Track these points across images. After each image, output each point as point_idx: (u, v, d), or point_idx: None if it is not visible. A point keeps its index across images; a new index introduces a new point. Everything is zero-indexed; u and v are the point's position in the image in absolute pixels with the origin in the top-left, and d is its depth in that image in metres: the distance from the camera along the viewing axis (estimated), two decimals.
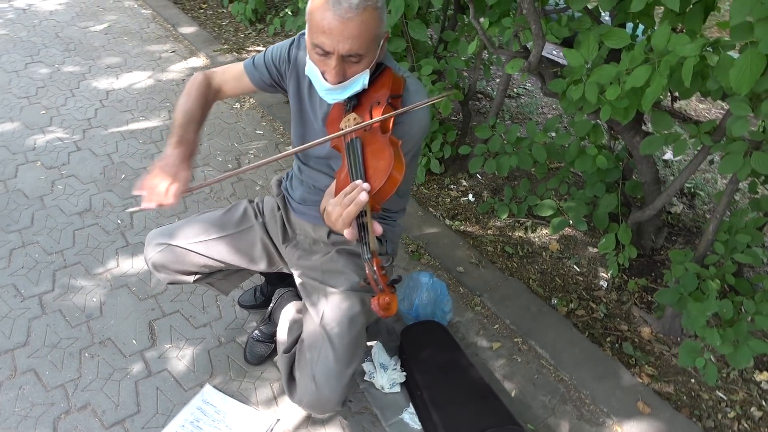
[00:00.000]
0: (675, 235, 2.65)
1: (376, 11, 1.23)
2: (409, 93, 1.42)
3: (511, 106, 3.69)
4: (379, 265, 1.22)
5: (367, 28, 1.23)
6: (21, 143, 2.98)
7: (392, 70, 1.41)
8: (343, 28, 1.20)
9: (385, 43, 1.38)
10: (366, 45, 1.26)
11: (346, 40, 1.22)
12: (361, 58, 1.28)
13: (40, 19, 4.48)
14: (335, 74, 1.28)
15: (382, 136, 1.30)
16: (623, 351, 2.11)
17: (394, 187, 1.28)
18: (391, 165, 1.25)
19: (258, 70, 1.56)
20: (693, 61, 1.56)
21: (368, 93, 1.38)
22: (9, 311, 2.06)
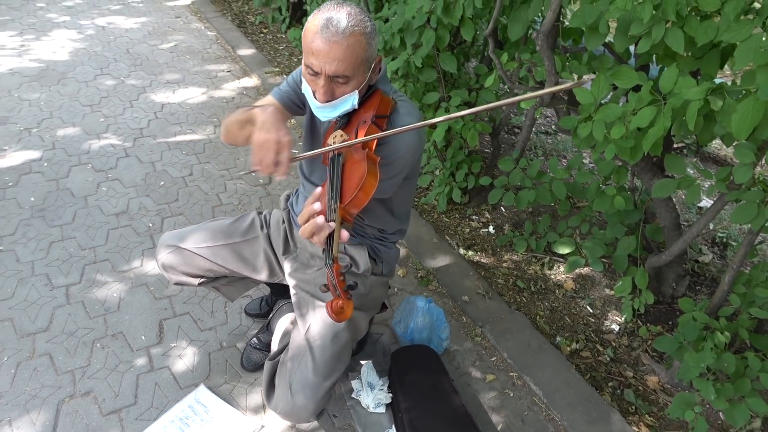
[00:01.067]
0: (699, 284, 2.54)
1: (363, 36, 1.32)
2: (399, 115, 1.48)
3: (546, 142, 3.66)
4: (338, 272, 1.28)
5: (353, 51, 1.31)
6: (78, 147, 3.24)
7: (381, 93, 1.47)
8: (329, 50, 1.29)
9: (377, 67, 1.45)
10: (353, 67, 1.33)
11: (333, 62, 1.30)
12: (348, 79, 1.36)
13: (116, 36, 4.86)
14: (323, 93, 1.36)
15: (361, 152, 1.37)
16: (624, 398, 2.03)
17: (366, 199, 1.34)
18: (363, 176, 1.32)
19: (285, 93, 1.66)
20: (697, 104, 1.55)
21: (357, 113, 1.46)
22: (38, 298, 2.23)
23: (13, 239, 2.52)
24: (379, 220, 1.71)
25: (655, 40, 1.59)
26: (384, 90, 1.49)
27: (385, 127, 1.43)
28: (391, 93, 1.51)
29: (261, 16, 5.32)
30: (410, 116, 1.48)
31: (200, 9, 5.53)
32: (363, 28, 1.31)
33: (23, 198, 2.78)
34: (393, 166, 1.47)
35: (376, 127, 1.40)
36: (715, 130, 1.66)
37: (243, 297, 2.23)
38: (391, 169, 1.46)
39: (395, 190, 1.56)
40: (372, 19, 1.36)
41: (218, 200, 2.90)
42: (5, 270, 2.35)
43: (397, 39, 2.68)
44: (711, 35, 1.52)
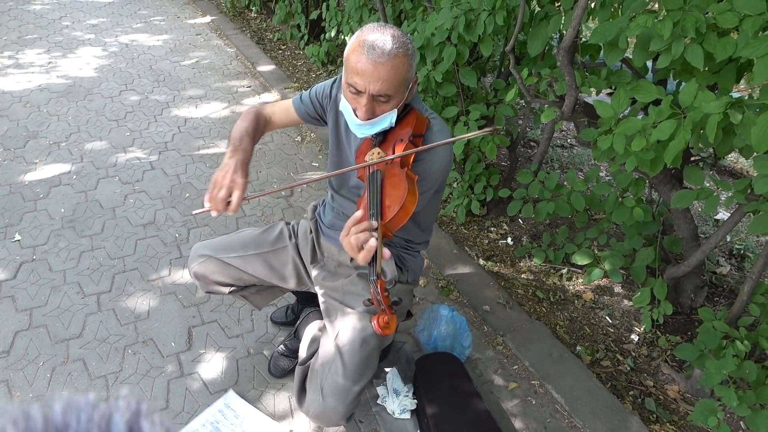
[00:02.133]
0: (718, 296, 2.57)
1: (406, 58, 1.39)
2: (432, 132, 1.54)
3: (562, 155, 3.72)
4: (383, 287, 1.32)
5: (397, 72, 1.38)
6: (105, 160, 3.33)
7: (417, 111, 1.54)
8: (375, 70, 1.35)
9: (413, 87, 1.52)
10: (395, 87, 1.40)
11: (377, 82, 1.37)
12: (389, 98, 1.42)
13: (139, 53, 5.00)
14: (365, 111, 1.42)
15: (400, 170, 1.43)
16: (645, 406, 2.06)
17: (406, 217, 1.40)
18: (404, 197, 1.38)
19: (304, 105, 1.74)
20: (717, 118, 1.60)
21: (394, 131, 1.52)
22: (71, 305, 2.30)
23: (45, 249, 2.60)
24: (407, 232, 1.77)
25: (675, 56, 1.64)
26: (418, 108, 1.56)
27: (421, 145, 1.49)
28: (424, 111, 1.58)
29: (279, 33, 5.44)
30: (441, 133, 1.54)
31: (220, 26, 5.66)
32: (406, 50, 1.38)
33: (54, 209, 2.87)
34: (426, 181, 1.53)
35: (413, 145, 1.46)
36: (735, 142, 1.71)
37: (269, 306, 2.28)
38: (424, 184, 1.51)
39: (426, 204, 1.61)
40: (412, 41, 1.43)
41: (242, 212, 2.97)
42: (39, 278, 2.43)
43: (418, 55, 2.75)
44: (729, 51, 1.58)
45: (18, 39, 5.07)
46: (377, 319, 1.34)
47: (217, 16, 5.97)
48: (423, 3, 3.00)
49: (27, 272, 2.46)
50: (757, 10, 1.50)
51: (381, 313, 1.35)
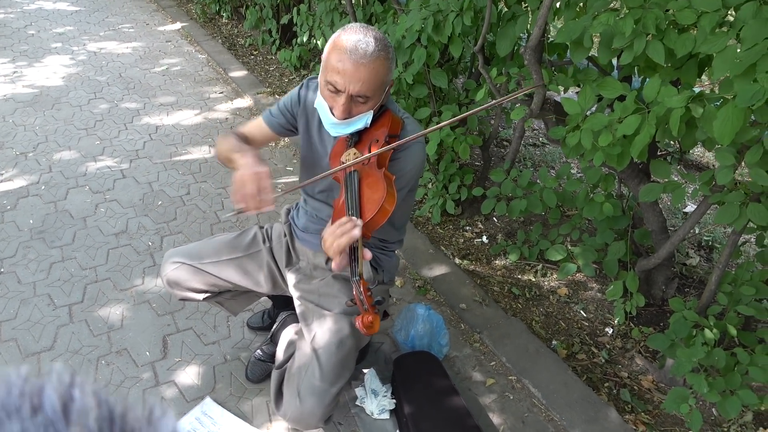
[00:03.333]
0: (688, 286, 2.62)
1: (386, 61, 1.40)
2: (406, 132, 1.56)
3: (534, 153, 3.76)
4: (365, 287, 1.33)
5: (377, 74, 1.39)
6: (75, 169, 3.27)
7: (392, 112, 1.55)
8: (356, 71, 1.36)
9: (389, 90, 1.53)
10: (373, 89, 1.41)
11: (358, 82, 1.38)
12: (367, 99, 1.43)
13: (108, 60, 4.92)
14: (342, 111, 1.43)
15: (377, 171, 1.44)
16: (620, 397, 2.09)
17: (385, 218, 1.42)
18: (383, 197, 1.39)
19: (275, 117, 1.73)
20: (679, 112, 1.64)
21: (369, 131, 1.53)
22: (41, 318, 2.25)
23: (14, 261, 2.54)
24: (382, 231, 1.77)
25: (637, 53, 1.68)
26: (392, 109, 1.57)
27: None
28: (398, 112, 1.59)
29: (251, 39, 5.41)
30: (415, 132, 1.55)
31: (190, 33, 5.61)
32: (387, 53, 1.39)
33: (22, 221, 2.81)
34: (401, 180, 1.54)
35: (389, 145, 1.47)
36: (697, 135, 1.75)
37: (245, 311, 2.26)
38: (399, 183, 1.52)
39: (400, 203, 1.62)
40: (392, 45, 1.44)
41: (216, 218, 2.94)
42: (7, 291, 2.37)
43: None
44: (689, 47, 1.62)
45: None
46: (361, 319, 1.34)
47: (188, 23, 5.91)
48: (392, 6, 3.02)
49: None
50: (713, 7, 1.54)
51: (364, 313, 1.36)
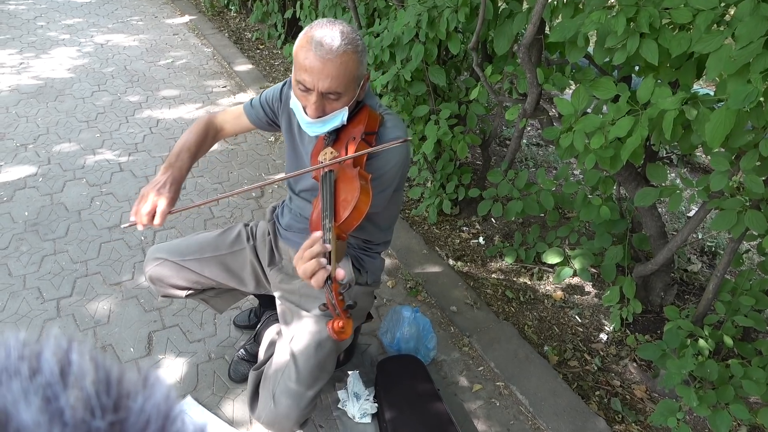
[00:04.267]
0: (688, 293, 2.55)
1: (355, 54, 1.35)
2: (386, 129, 1.51)
3: (537, 154, 3.69)
4: (337, 291, 1.29)
5: (346, 69, 1.34)
6: (73, 162, 3.27)
7: (369, 108, 1.50)
8: (323, 67, 1.32)
9: (365, 83, 1.48)
10: (344, 84, 1.37)
11: (326, 79, 1.33)
12: (339, 96, 1.39)
13: (114, 53, 4.93)
14: (315, 109, 1.39)
15: (352, 170, 1.40)
16: (611, 407, 2.04)
17: (360, 217, 1.37)
18: (357, 197, 1.35)
19: (255, 110, 1.70)
20: (673, 114, 1.58)
21: (346, 129, 1.49)
22: (29, 311, 2.25)
23: (6, 253, 2.54)
24: (365, 232, 1.73)
25: (630, 52, 1.62)
26: (371, 105, 1.52)
27: (374, 142, 1.46)
28: (377, 107, 1.54)
29: (257, 33, 5.39)
30: (397, 129, 1.50)
31: (198, 26, 5.60)
32: (355, 47, 1.34)
33: (17, 213, 2.81)
34: (383, 180, 1.49)
35: (366, 143, 1.43)
36: (692, 139, 1.69)
37: (232, 309, 2.24)
38: (380, 183, 1.48)
39: (385, 204, 1.58)
40: (362, 38, 1.40)
41: (210, 213, 2.92)
42: None
43: (387, 53, 2.72)
44: (684, 46, 1.55)
45: None
46: (332, 324, 1.30)
47: (196, 16, 5.90)
48: (392, 2, 2.97)
49: None
50: (709, 5, 1.48)
51: (336, 318, 1.32)
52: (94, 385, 0.29)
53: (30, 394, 0.27)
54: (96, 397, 0.28)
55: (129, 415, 0.29)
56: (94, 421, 0.27)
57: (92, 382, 0.29)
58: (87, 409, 0.28)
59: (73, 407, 0.27)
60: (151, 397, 0.30)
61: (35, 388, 0.27)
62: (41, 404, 0.27)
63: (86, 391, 0.28)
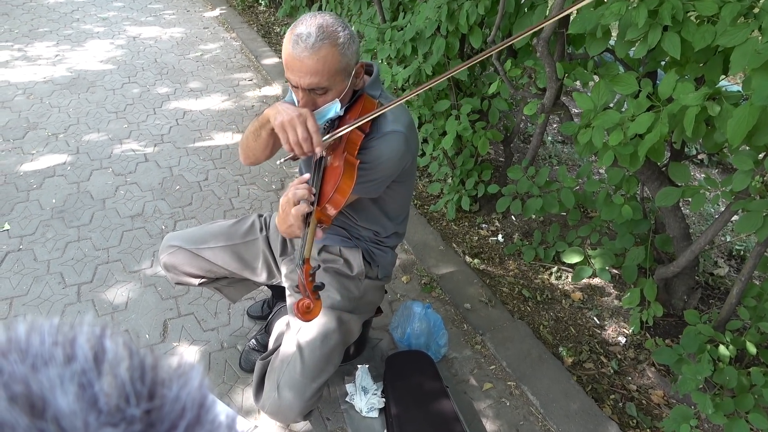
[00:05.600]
0: (713, 298, 2.47)
1: (335, 48, 1.33)
2: (385, 119, 1.49)
3: (561, 151, 3.62)
4: (308, 272, 1.30)
5: (325, 64, 1.32)
6: (100, 151, 3.35)
7: (367, 97, 1.49)
8: (301, 65, 1.31)
9: (360, 72, 1.46)
10: (328, 79, 1.35)
11: (306, 76, 1.33)
12: (326, 90, 1.38)
13: (146, 46, 5.02)
14: (304, 104, 1.39)
15: (341, 155, 1.41)
16: (626, 411, 1.98)
17: (342, 200, 1.39)
18: (339, 179, 1.36)
19: None
20: (695, 110, 1.52)
21: (344, 118, 1.48)
22: (51, 295, 2.31)
23: (33, 239, 2.62)
24: (374, 221, 1.72)
25: (651, 45, 1.57)
26: (372, 94, 1.50)
27: (369, 131, 1.45)
28: (379, 97, 1.52)
29: (286, 27, 5.42)
30: (395, 123, 1.48)
31: (228, 20, 5.67)
32: (334, 40, 1.32)
33: (45, 200, 2.89)
34: (376, 170, 1.48)
35: (359, 131, 1.42)
36: (716, 136, 1.63)
37: (246, 299, 2.26)
38: (373, 173, 1.47)
39: (381, 191, 1.57)
40: (348, 28, 1.37)
41: (230, 204, 2.95)
42: (23, 268, 2.44)
43: (409, 47, 2.70)
44: (708, 39, 1.49)
45: (29, 32, 5.13)
46: (298, 304, 1.31)
47: (226, 10, 5.97)
48: None
49: (12, 262, 2.47)
50: None
51: (304, 298, 1.33)
52: (128, 372, 0.29)
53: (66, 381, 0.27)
54: (131, 384, 0.28)
55: (164, 403, 0.28)
56: (129, 409, 0.27)
57: (127, 369, 0.29)
58: (122, 396, 0.27)
59: (107, 394, 0.27)
60: (186, 385, 0.30)
61: (71, 375, 0.27)
62: (77, 391, 0.27)
63: (121, 379, 0.28)
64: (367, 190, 1.46)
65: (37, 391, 0.26)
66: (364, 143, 1.43)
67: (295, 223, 1.33)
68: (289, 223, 1.35)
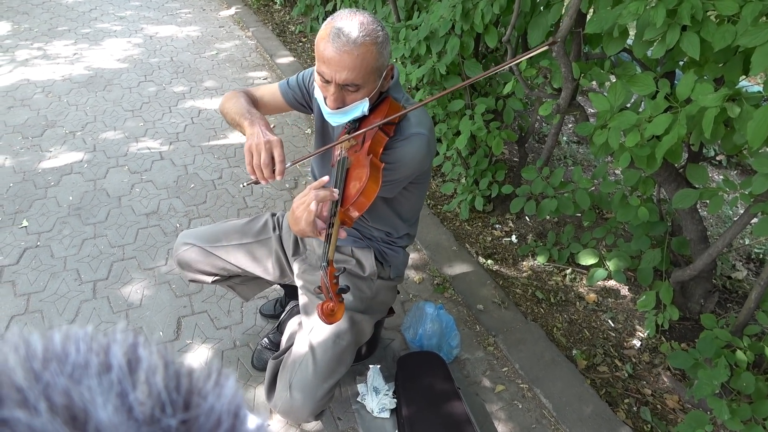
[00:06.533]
0: (731, 302, 2.43)
1: (374, 46, 1.32)
2: (407, 119, 1.49)
3: (577, 151, 3.59)
4: (332, 274, 1.30)
5: (364, 61, 1.32)
6: (117, 149, 3.38)
7: (392, 99, 1.49)
8: (340, 59, 1.30)
9: (389, 74, 1.46)
10: (363, 76, 1.35)
11: (343, 71, 1.32)
12: (358, 87, 1.37)
13: (162, 45, 5.06)
14: (333, 100, 1.38)
15: (366, 158, 1.40)
16: (640, 416, 1.96)
17: (367, 204, 1.37)
18: (366, 183, 1.35)
19: (291, 89, 1.70)
20: (714, 111, 1.49)
21: (367, 119, 1.48)
22: (67, 291, 2.34)
23: (50, 236, 2.65)
24: (386, 222, 1.72)
25: (669, 45, 1.54)
26: (395, 97, 1.50)
27: (393, 134, 1.44)
28: (402, 100, 1.52)
29: (300, 26, 5.44)
30: (419, 126, 1.48)
31: (243, 18, 5.69)
32: (374, 38, 1.31)
33: (62, 197, 2.92)
34: (397, 171, 1.47)
35: (384, 134, 1.41)
36: (735, 138, 1.60)
37: (259, 298, 2.27)
38: (394, 174, 1.46)
39: (396, 192, 1.57)
40: (384, 28, 1.37)
41: (244, 203, 2.97)
42: (40, 264, 2.48)
43: (423, 46, 2.69)
44: (728, 39, 1.47)
45: (48, 31, 5.20)
46: (322, 307, 1.31)
47: (242, 9, 6.00)
48: None
49: (29, 258, 2.51)
50: None
51: (327, 300, 1.32)
52: (163, 381, 0.28)
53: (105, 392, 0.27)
54: (166, 393, 0.28)
55: (199, 413, 0.28)
56: (165, 419, 0.27)
57: (162, 378, 0.28)
58: (157, 406, 0.27)
59: (141, 403, 0.27)
60: (221, 396, 0.29)
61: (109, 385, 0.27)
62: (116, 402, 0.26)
63: (156, 388, 0.28)
64: (384, 190, 1.45)
65: (79, 403, 0.26)
66: (387, 145, 1.43)
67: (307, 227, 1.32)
68: (302, 226, 1.34)
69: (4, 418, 0.25)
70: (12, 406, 0.25)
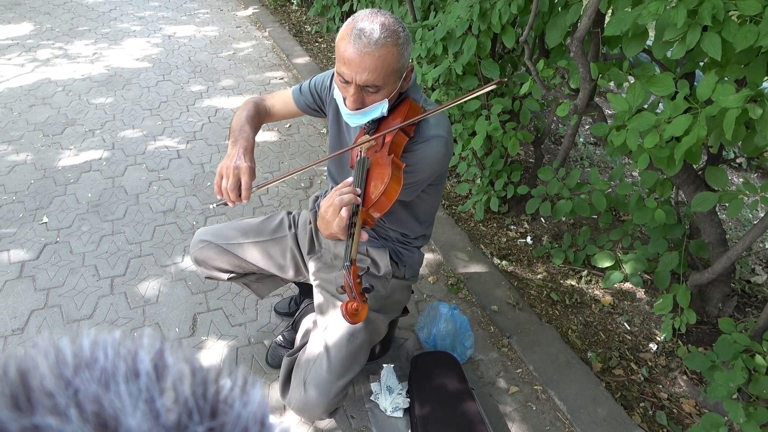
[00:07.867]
0: (750, 306, 2.39)
1: (395, 47, 1.33)
2: (426, 121, 1.49)
3: (594, 153, 3.56)
4: (356, 274, 1.29)
5: (385, 62, 1.32)
6: (135, 148, 3.42)
7: (411, 101, 1.49)
8: (361, 60, 1.31)
9: (409, 75, 1.46)
10: (383, 77, 1.35)
11: (364, 72, 1.32)
12: (378, 89, 1.38)
13: (180, 44, 5.11)
14: (353, 101, 1.39)
15: (386, 157, 1.40)
16: (655, 420, 1.94)
17: (389, 204, 1.37)
18: (388, 183, 1.34)
19: (303, 96, 1.72)
20: (735, 113, 1.47)
21: (386, 120, 1.48)
22: (86, 287, 2.37)
23: (69, 232, 2.69)
24: (403, 224, 1.72)
25: (690, 46, 1.53)
26: (414, 98, 1.50)
27: (413, 135, 1.45)
28: (421, 101, 1.52)
29: (317, 26, 5.46)
30: (438, 127, 1.48)
31: (260, 19, 5.73)
32: (395, 40, 1.31)
33: (82, 194, 2.97)
34: (417, 173, 1.48)
35: (404, 134, 1.42)
36: (756, 140, 1.58)
37: (274, 295, 2.29)
38: (414, 175, 1.47)
39: (416, 194, 1.57)
40: (406, 29, 1.37)
41: (260, 202, 2.99)
42: (59, 260, 2.51)
43: (440, 47, 2.69)
44: (750, 40, 1.45)
45: (69, 30, 5.28)
46: (346, 306, 1.30)
47: (259, 9, 6.04)
48: None
49: (49, 253, 2.55)
50: None
51: (351, 300, 1.32)
52: (191, 388, 0.28)
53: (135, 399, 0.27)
54: (193, 400, 0.28)
55: (226, 421, 0.28)
56: (192, 426, 0.27)
57: (189, 385, 0.28)
58: (185, 413, 0.27)
59: (168, 410, 0.27)
60: (248, 404, 0.29)
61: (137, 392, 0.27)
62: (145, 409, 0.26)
63: (183, 395, 0.28)
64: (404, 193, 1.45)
65: (109, 410, 0.26)
66: (406, 147, 1.43)
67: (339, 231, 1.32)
68: (333, 230, 1.34)
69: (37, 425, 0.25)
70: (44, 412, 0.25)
